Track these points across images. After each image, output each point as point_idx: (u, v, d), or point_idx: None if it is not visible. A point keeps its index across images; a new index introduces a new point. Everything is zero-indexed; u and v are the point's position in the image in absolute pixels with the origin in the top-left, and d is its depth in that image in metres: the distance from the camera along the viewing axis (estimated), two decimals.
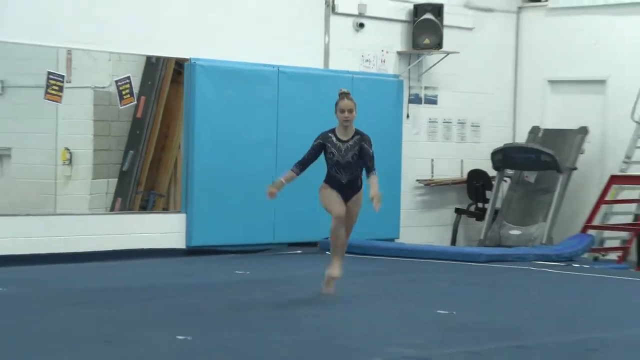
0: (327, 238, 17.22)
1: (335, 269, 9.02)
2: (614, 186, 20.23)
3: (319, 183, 17.80)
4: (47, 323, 10.80)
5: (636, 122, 20.38)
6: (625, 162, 20.32)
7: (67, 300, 12.50)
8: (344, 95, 9.17)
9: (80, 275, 15.27)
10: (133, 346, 9.24)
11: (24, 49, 17.07)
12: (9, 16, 16.30)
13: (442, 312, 12.02)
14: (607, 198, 20.19)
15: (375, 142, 18.11)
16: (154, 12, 17.73)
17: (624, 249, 20.10)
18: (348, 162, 8.43)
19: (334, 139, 8.50)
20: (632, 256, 19.88)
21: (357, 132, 9.02)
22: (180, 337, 9.35)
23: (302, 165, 9.38)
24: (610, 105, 21.26)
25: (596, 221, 20.12)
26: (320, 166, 17.80)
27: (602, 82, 21.59)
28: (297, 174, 9.42)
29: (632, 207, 20.59)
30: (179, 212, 18.06)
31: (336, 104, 8.93)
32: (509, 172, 21.42)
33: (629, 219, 20.44)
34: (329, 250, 17.28)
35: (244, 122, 18.33)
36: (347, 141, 8.63)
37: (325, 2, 19.81)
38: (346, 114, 8.80)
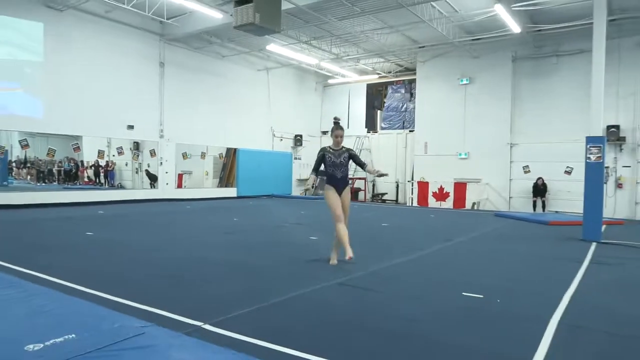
0: (271, 194, 18.78)
1: (348, 252, 5.34)
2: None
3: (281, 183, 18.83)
4: (200, 217, 11.88)
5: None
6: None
7: (206, 210, 13.05)
8: (337, 125, 5.72)
9: (208, 204, 14.90)
10: (214, 221, 10.17)
11: (197, 146, 16.60)
12: (188, 138, 16.21)
13: (302, 212, 12.73)
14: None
15: (279, 172, 19.05)
16: (230, 135, 17.29)
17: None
18: (340, 162, 5.56)
19: (330, 150, 5.61)
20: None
21: (344, 147, 5.74)
22: (235, 219, 10.40)
23: (315, 170, 5.81)
24: None
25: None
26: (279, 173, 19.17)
27: None
28: (316, 177, 5.90)
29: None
30: (235, 187, 17.54)
31: (332, 130, 5.66)
32: (319, 176, 21.83)
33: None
34: (273, 197, 18.77)
35: (251, 164, 17.79)
36: (338, 150, 5.64)
37: (272, 133, 19.21)
38: (339, 138, 5.61)
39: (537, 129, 15.50)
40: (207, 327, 3.33)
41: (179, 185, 16.55)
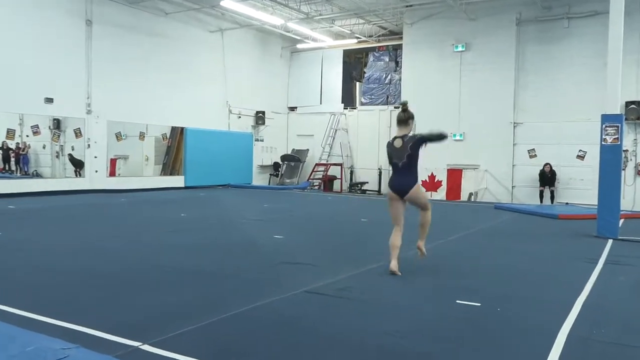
0: (227, 185, 18.86)
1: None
2: (316, 166, 19.89)
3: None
4: (139, 211, 11.78)
5: (322, 147, 20.28)
6: (320, 159, 20.18)
7: (146, 204, 13.42)
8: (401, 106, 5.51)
9: (149, 196, 14.92)
10: (156, 216, 10.32)
11: (134, 124, 16.47)
12: (134, 118, 16.03)
13: (265, 205, 12.93)
14: (314, 170, 19.93)
15: (237, 157, 19.21)
16: (176, 111, 17.17)
17: (319, 185, 19.91)
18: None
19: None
20: (322, 188, 19.61)
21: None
22: (182, 214, 10.55)
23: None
24: (316, 142, 20.58)
25: (310, 177, 19.88)
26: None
27: (311, 135, 20.95)
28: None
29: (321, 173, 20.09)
30: (182, 175, 17.64)
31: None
32: (286, 162, 20.83)
33: (320, 175, 19.96)
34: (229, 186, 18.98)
35: (202, 147, 17.78)
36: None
37: (228, 109, 19.21)
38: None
39: (545, 105, 15.82)
40: (146, 347, 3.29)
41: (112, 173, 16.39)
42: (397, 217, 5.65)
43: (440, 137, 5.61)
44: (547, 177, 15.43)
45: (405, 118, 5.59)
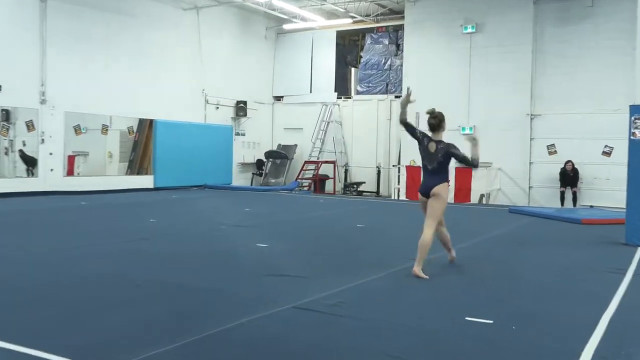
0: (208, 186, 19.06)
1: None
2: (306, 164, 19.98)
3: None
4: (101, 216, 11.88)
5: (312, 142, 20.36)
6: (310, 156, 20.22)
7: (110, 208, 13.46)
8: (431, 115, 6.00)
9: (113, 198, 14.93)
10: (121, 222, 10.38)
11: (95, 116, 16.39)
12: (94, 104, 15.91)
13: (247, 209, 13.02)
14: (303, 169, 19.97)
15: (215, 154, 19.24)
16: (145, 101, 17.15)
17: (309, 186, 19.95)
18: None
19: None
20: (312, 188, 19.64)
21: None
22: (152, 220, 10.50)
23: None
24: (305, 137, 20.65)
25: (299, 176, 19.78)
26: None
27: (300, 129, 21.11)
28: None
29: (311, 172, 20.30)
30: (151, 174, 17.72)
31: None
32: (271, 159, 20.81)
33: (310, 175, 20.17)
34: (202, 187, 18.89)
35: (175, 142, 17.85)
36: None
37: (205, 99, 19.24)
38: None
39: (567, 95, 15.89)
40: None
41: (70, 172, 16.30)
42: None
43: (470, 163, 6.31)
44: (569, 177, 15.47)
45: (437, 123, 6.21)
